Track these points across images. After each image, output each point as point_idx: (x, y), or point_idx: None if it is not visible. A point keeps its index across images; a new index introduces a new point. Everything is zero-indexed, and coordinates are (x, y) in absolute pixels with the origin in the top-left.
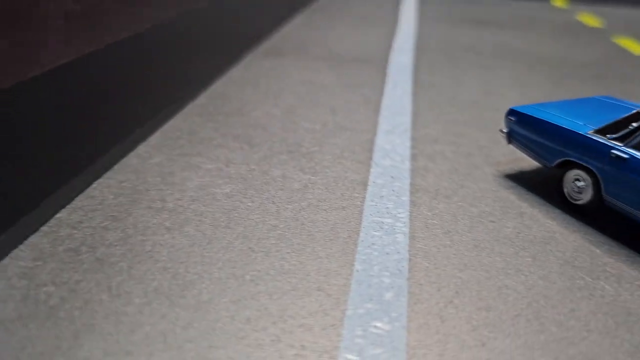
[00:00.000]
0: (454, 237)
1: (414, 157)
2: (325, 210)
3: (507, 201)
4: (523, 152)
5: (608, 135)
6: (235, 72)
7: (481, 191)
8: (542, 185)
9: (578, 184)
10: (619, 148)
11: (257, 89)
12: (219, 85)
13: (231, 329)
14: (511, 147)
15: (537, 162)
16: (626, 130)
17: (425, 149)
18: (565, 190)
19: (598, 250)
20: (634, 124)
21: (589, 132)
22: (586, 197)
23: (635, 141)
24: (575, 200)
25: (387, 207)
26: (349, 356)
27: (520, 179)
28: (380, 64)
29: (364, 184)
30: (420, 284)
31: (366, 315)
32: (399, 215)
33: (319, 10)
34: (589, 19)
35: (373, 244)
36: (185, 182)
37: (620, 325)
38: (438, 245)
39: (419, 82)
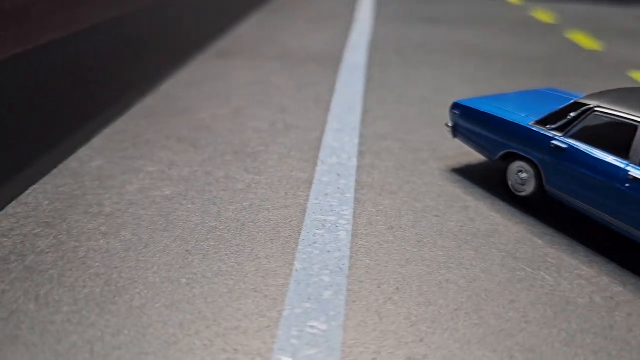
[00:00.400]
0: (397, 233)
1: (361, 155)
2: (267, 209)
3: (452, 195)
4: (468, 145)
5: (548, 126)
6: (185, 74)
7: (427, 186)
8: (488, 179)
9: (521, 176)
10: (558, 138)
11: (205, 91)
12: (167, 87)
13: (163, 334)
14: (457, 141)
15: (482, 156)
16: (565, 121)
17: (373, 146)
18: (509, 182)
19: (540, 241)
20: (572, 114)
21: (530, 124)
22: (529, 188)
23: (573, 131)
24: (519, 192)
25: (331, 205)
26: (283, 358)
27: (467, 173)
28: (333, 62)
29: (310, 183)
30: (361, 282)
31: (303, 315)
32: (342, 212)
33: (276, 9)
34: (543, 14)
35: (315, 242)
36: (125, 186)
37: (558, 315)
38: (381, 242)
39: (371, 80)
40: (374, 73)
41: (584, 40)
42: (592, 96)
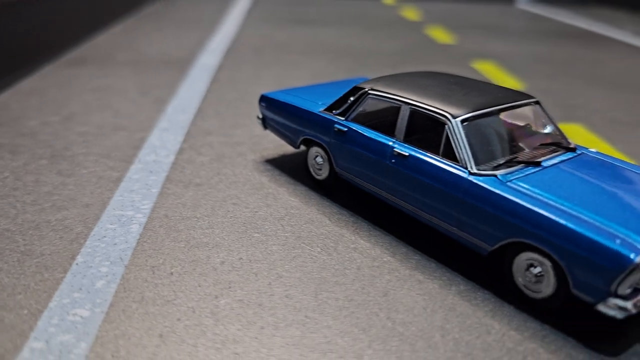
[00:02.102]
0: (189, 222)
1: (181, 151)
2: (67, 209)
3: (257, 184)
4: (277, 135)
5: (334, 112)
6: (27, 83)
7: (235, 176)
8: (298, 167)
9: (318, 161)
10: (340, 122)
11: (43, 99)
12: (3, 97)
13: None
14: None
15: (288, 144)
16: (346, 105)
17: (195, 143)
18: (310, 167)
19: (328, 221)
20: (351, 98)
21: (320, 110)
22: (325, 172)
23: (353, 114)
24: (318, 176)
25: (133, 200)
26: (35, 344)
27: (278, 163)
28: (185, 65)
29: (120, 181)
30: (138, 270)
31: (69, 304)
32: (142, 207)
33: (150, 15)
34: (410, 13)
35: (104, 236)
36: None
37: (320, 287)
38: (170, 231)
39: (218, 80)
40: (223, 74)
41: (440, 35)
42: (369, 81)
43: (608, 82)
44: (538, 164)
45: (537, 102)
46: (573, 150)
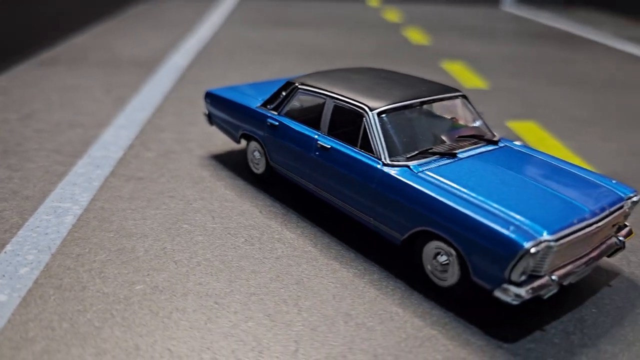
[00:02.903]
0: (123, 213)
1: (131, 147)
2: (7, 201)
3: (197, 178)
4: (221, 131)
5: (268, 107)
6: None
7: (177, 171)
8: (241, 162)
9: (255, 155)
10: (272, 116)
11: (8, 98)
12: None
13: None
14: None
15: (231, 139)
16: (279, 100)
17: (147, 139)
18: (249, 162)
19: (260, 213)
20: (284, 93)
21: (257, 106)
22: (262, 166)
23: (285, 109)
24: (257, 170)
25: (73, 193)
26: None
27: (224, 158)
28: (155, 65)
29: (65, 175)
30: (63, 258)
31: None
32: (80, 199)
33: (133, 16)
34: (392, 15)
35: (37, 227)
36: None
37: (235, 274)
38: (102, 222)
39: (184, 80)
40: (191, 73)
41: (416, 36)
42: (301, 77)
43: (575, 81)
44: (454, 155)
45: (463, 96)
46: (495, 143)
